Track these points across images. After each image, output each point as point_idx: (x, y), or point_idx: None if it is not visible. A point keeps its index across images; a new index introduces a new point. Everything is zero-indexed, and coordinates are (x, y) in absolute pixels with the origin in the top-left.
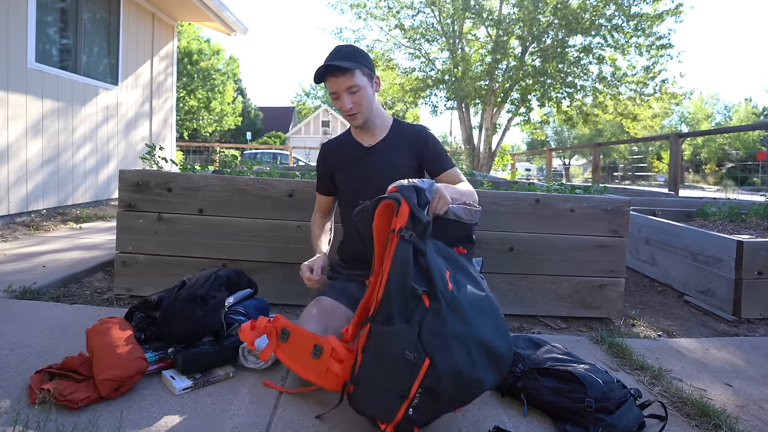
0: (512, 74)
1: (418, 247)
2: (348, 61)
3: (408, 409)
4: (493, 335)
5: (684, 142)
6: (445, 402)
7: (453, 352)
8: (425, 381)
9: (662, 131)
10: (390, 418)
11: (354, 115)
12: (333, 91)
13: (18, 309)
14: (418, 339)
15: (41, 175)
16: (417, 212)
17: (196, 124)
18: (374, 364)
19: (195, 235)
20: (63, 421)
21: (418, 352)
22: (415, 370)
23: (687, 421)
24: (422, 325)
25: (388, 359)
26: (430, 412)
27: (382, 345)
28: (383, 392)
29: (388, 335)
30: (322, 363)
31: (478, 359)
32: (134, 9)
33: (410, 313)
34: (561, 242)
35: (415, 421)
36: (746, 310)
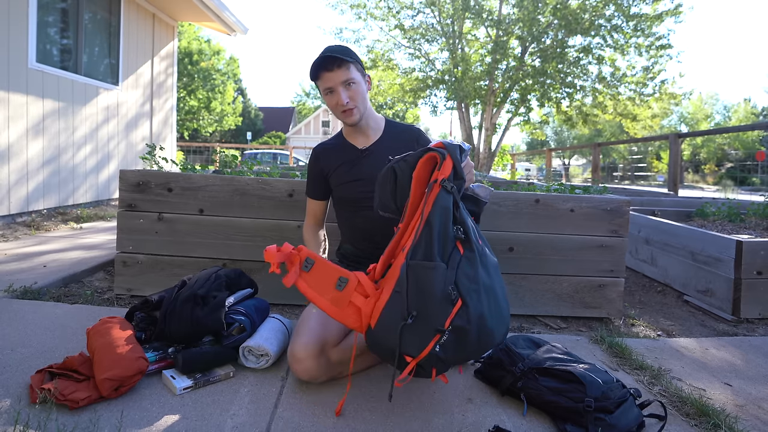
0: (512, 74)
1: (456, 200)
2: (343, 54)
3: (436, 345)
4: (503, 296)
5: (683, 142)
6: (466, 346)
7: (481, 298)
8: (456, 320)
9: (662, 131)
10: (417, 351)
11: (350, 110)
12: (327, 87)
13: (19, 309)
14: (454, 281)
15: (42, 175)
16: (459, 168)
17: (197, 124)
18: (413, 299)
19: (195, 235)
20: (63, 421)
21: (453, 292)
22: (449, 307)
23: (686, 421)
24: (458, 269)
25: (427, 293)
26: (452, 355)
27: (422, 279)
28: (414, 325)
29: (429, 270)
30: (345, 295)
31: (495, 312)
32: (135, 9)
33: (448, 256)
34: (561, 242)
35: (439, 359)
36: (745, 310)
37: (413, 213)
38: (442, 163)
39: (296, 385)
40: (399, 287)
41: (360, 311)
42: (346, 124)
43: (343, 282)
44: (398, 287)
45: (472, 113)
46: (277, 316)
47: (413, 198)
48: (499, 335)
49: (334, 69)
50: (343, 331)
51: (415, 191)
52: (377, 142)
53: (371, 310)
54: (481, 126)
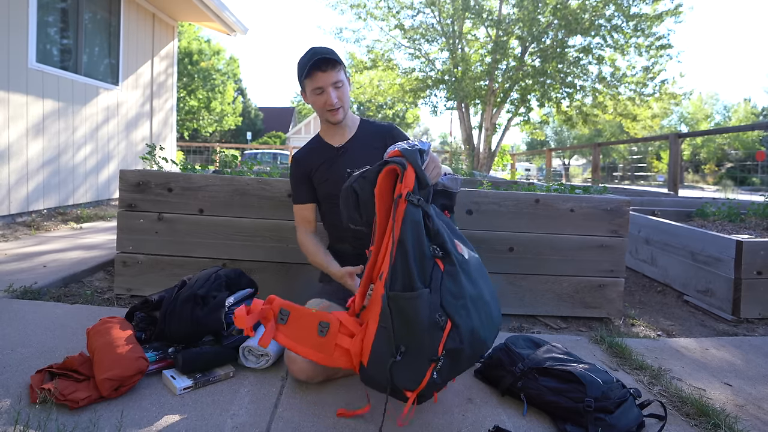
0: (512, 74)
1: (426, 211)
2: (334, 57)
3: (433, 373)
4: (490, 296)
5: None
6: (461, 363)
7: (470, 312)
8: (449, 343)
9: (662, 131)
10: (415, 385)
11: (337, 110)
12: (318, 86)
13: (19, 309)
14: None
15: (42, 175)
16: (422, 175)
17: (197, 124)
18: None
19: (195, 235)
20: (64, 421)
21: (441, 316)
22: (439, 333)
23: (686, 421)
24: (441, 289)
25: (414, 324)
26: (448, 374)
27: (406, 310)
28: (408, 359)
29: (412, 300)
30: (330, 340)
31: (485, 319)
32: (135, 9)
33: (428, 278)
34: (561, 242)
35: (438, 384)
36: (745, 310)
37: (383, 233)
38: (403, 175)
39: (296, 385)
40: (384, 322)
41: (348, 352)
42: (330, 122)
43: (325, 327)
44: (383, 322)
45: (472, 113)
46: None
47: (380, 216)
48: (491, 340)
49: (327, 70)
50: None
51: (380, 208)
52: (352, 140)
53: (360, 349)
54: (481, 126)
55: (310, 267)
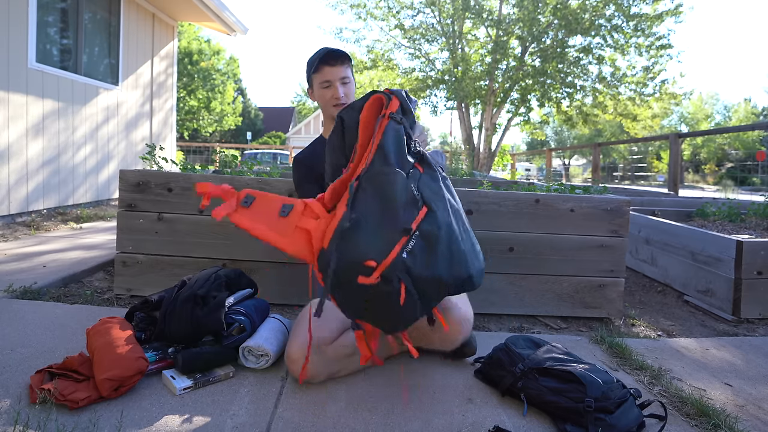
0: (512, 74)
1: (408, 132)
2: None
3: (403, 250)
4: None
5: (683, 142)
6: (437, 257)
7: (447, 209)
8: (423, 224)
9: (662, 131)
10: (381, 256)
11: (342, 105)
12: (326, 80)
13: (18, 309)
14: (417, 190)
15: (42, 175)
16: (407, 105)
17: (197, 124)
18: (367, 205)
19: (195, 235)
20: (63, 421)
21: (420, 197)
22: (414, 210)
23: (687, 421)
24: (419, 182)
25: (389, 195)
26: (421, 266)
27: (381, 183)
28: (378, 230)
29: (389, 175)
30: (291, 220)
31: (465, 237)
32: (134, 9)
33: (407, 169)
34: (561, 242)
35: (406, 269)
36: (746, 310)
37: (363, 151)
38: (388, 103)
39: (296, 385)
40: (355, 198)
41: (310, 235)
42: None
43: (288, 208)
44: (355, 199)
45: (472, 113)
46: (277, 316)
47: (362, 137)
48: (473, 268)
49: (336, 65)
50: (338, 330)
51: (363, 131)
52: None
53: (323, 233)
54: (481, 126)
55: None
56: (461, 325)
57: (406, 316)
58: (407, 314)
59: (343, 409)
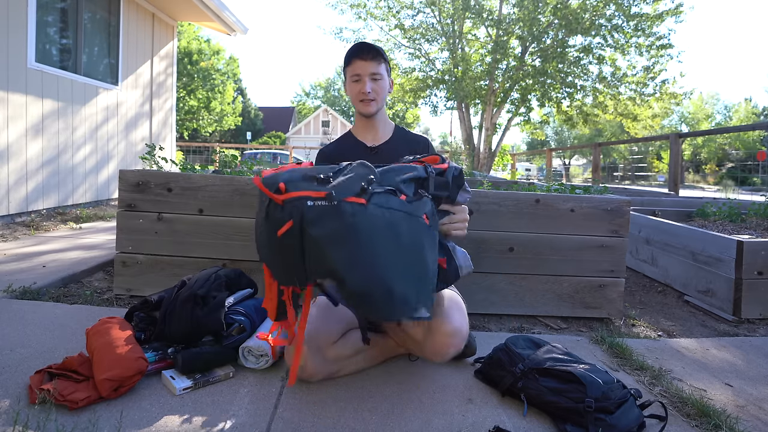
0: (512, 74)
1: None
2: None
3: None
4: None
5: (684, 142)
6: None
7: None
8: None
9: (662, 131)
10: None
11: (370, 101)
12: (357, 73)
13: (18, 309)
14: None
15: (41, 175)
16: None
17: (196, 124)
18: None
19: (195, 235)
20: (63, 421)
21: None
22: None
23: (687, 421)
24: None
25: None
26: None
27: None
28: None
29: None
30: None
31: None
32: (134, 9)
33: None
34: (561, 242)
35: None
36: (746, 310)
37: None
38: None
39: (296, 385)
40: None
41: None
42: (362, 114)
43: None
44: None
45: (472, 113)
46: None
47: None
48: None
49: (367, 59)
50: (340, 330)
51: None
52: (387, 143)
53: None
54: (481, 126)
55: None
56: (452, 337)
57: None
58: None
59: (343, 409)
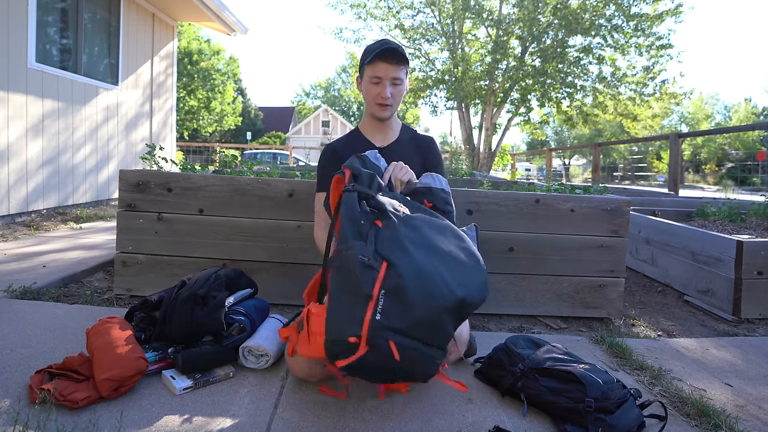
0: (512, 74)
1: (364, 192)
2: (403, 54)
3: (375, 313)
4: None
5: (684, 142)
6: (409, 304)
7: (410, 252)
8: (386, 281)
9: (662, 131)
10: (358, 327)
11: (387, 106)
12: (378, 75)
13: (18, 309)
14: (374, 250)
15: (41, 175)
16: (357, 171)
17: (196, 124)
18: (336, 285)
19: (195, 235)
20: (63, 421)
21: (375, 258)
22: (373, 272)
23: (687, 421)
24: (377, 238)
25: (347, 274)
26: (399, 317)
27: (342, 268)
28: (349, 306)
29: (345, 251)
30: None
31: (445, 271)
32: (134, 9)
33: (364, 233)
34: (561, 242)
35: (387, 328)
36: (746, 310)
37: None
38: (344, 177)
39: (296, 385)
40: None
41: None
42: (375, 117)
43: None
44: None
45: (472, 113)
46: (277, 316)
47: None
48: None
49: (392, 63)
50: None
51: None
52: (395, 143)
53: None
54: (481, 126)
55: (310, 267)
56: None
57: (423, 362)
58: (423, 361)
59: (344, 408)
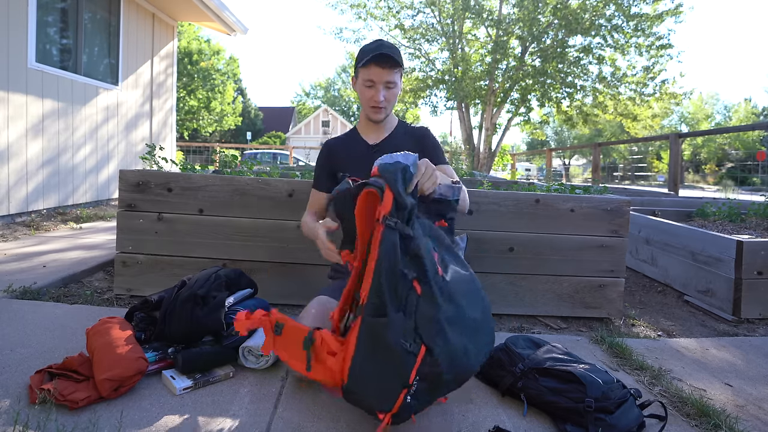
0: (512, 74)
1: (405, 233)
2: (398, 57)
3: (406, 397)
4: (480, 316)
5: (684, 142)
6: (441, 388)
7: (448, 338)
8: (423, 368)
9: (662, 131)
10: (388, 407)
11: (380, 109)
12: (371, 79)
13: (18, 309)
14: (414, 329)
15: (41, 175)
16: (401, 198)
17: (196, 124)
18: (369, 356)
19: (195, 235)
20: (63, 421)
21: (415, 342)
22: (412, 358)
23: (687, 421)
24: (416, 314)
25: (384, 350)
26: (427, 398)
27: (377, 336)
28: (381, 383)
29: (383, 327)
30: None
31: (469, 344)
32: (134, 9)
33: (403, 302)
34: (561, 242)
35: (412, 408)
36: (746, 310)
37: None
38: (382, 197)
39: (296, 385)
40: (360, 345)
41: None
42: (370, 118)
43: (308, 343)
44: (359, 345)
45: (472, 113)
46: None
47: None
48: (477, 365)
49: (385, 67)
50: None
51: (361, 227)
52: (387, 139)
53: (341, 368)
54: (481, 126)
55: (310, 267)
56: None
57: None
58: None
59: (343, 409)
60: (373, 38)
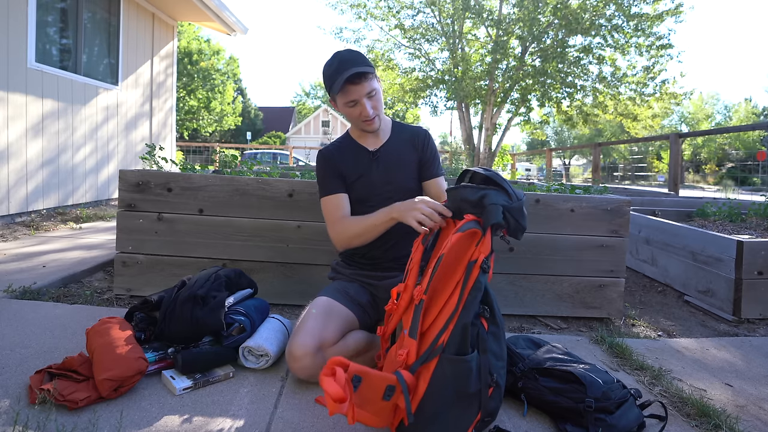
0: (512, 74)
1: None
2: (365, 65)
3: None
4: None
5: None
6: (492, 419)
7: (503, 373)
8: (490, 404)
9: (662, 131)
10: None
11: (373, 119)
12: (352, 99)
13: (18, 309)
14: (489, 370)
15: (41, 175)
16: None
17: (196, 124)
18: (445, 392)
19: (195, 235)
20: (63, 421)
21: (490, 381)
22: (485, 393)
23: (687, 421)
24: (488, 351)
25: (464, 384)
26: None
27: (458, 374)
28: (452, 418)
29: (464, 364)
30: (392, 402)
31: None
32: (134, 9)
33: (477, 340)
34: (561, 242)
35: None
36: (746, 310)
37: (445, 286)
38: (482, 239)
39: (296, 385)
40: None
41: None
42: (366, 132)
43: (392, 391)
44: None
45: (473, 113)
46: (277, 316)
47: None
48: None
49: (360, 82)
50: (341, 331)
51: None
52: (386, 144)
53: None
54: (481, 126)
55: (310, 267)
56: None
57: None
58: None
59: None
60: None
